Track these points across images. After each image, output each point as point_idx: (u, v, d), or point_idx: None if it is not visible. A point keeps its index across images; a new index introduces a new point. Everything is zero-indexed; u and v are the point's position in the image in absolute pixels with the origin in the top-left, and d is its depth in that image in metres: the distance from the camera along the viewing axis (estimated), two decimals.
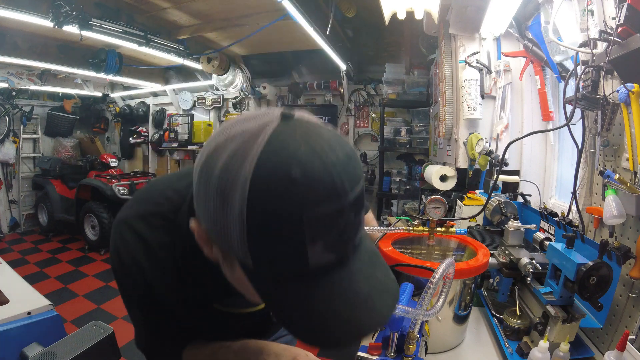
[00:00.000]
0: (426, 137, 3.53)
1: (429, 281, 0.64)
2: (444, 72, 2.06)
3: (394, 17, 1.73)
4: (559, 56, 1.47)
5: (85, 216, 4.51)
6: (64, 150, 5.48)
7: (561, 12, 1.18)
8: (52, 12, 2.40)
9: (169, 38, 3.38)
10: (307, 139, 0.41)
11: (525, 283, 0.98)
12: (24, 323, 1.02)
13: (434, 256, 1.05)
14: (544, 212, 1.37)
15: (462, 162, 1.99)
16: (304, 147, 0.40)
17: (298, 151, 0.39)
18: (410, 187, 3.68)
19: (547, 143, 1.82)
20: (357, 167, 0.44)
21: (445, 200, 1.06)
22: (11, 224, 5.28)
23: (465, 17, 1.76)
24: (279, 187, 0.38)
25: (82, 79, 4.89)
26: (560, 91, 1.66)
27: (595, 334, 1.04)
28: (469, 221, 1.61)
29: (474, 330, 1.09)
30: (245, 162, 0.39)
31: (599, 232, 1.11)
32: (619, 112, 0.99)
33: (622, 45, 0.90)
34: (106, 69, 3.53)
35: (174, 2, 2.93)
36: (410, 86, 3.66)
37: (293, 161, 0.39)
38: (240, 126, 0.43)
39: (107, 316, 3.03)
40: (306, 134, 0.42)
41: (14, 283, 1.27)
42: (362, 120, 4.68)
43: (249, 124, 0.42)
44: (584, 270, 0.79)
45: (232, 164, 0.40)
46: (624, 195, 0.95)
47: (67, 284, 3.66)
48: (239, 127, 0.43)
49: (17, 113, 5.02)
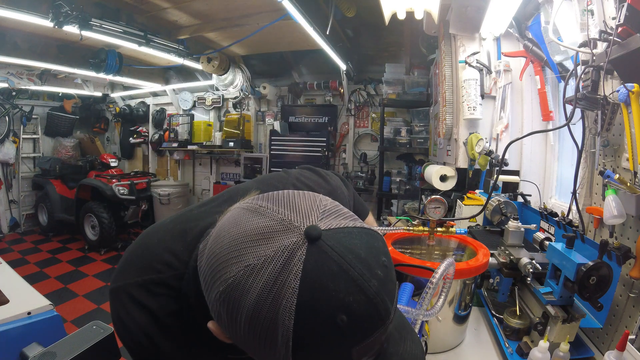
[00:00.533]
0: (426, 137, 3.53)
1: (429, 281, 0.64)
2: (444, 72, 2.06)
3: (394, 17, 1.73)
4: (559, 56, 1.47)
5: (85, 216, 4.51)
6: (64, 150, 5.48)
7: (561, 12, 1.18)
8: (52, 12, 2.40)
9: (169, 38, 3.38)
10: (344, 268, 0.38)
11: (525, 283, 0.98)
12: (24, 323, 1.02)
13: (434, 256, 1.05)
14: (544, 212, 1.37)
15: (462, 162, 1.99)
16: (343, 283, 0.37)
17: (339, 291, 0.37)
18: (410, 187, 3.68)
19: (547, 143, 1.82)
20: (393, 276, 0.43)
21: (445, 200, 1.06)
22: (11, 224, 5.28)
23: (465, 17, 1.76)
24: (326, 335, 0.37)
25: (82, 79, 4.90)
26: (560, 91, 1.66)
27: (595, 334, 1.04)
28: (469, 221, 1.61)
29: (474, 330, 1.09)
30: (282, 310, 0.36)
31: (599, 232, 1.11)
32: (619, 112, 0.99)
33: (622, 45, 0.90)
34: (106, 69, 3.53)
35: (174, 2, 2.93)
36: (410, 86, 3.66)
37: (337, 306, 0.36)
38: (258, 252, 0.39)
39: (107, 316, 3.00)
40: (341, 260, 0.38)
41: (14, 283, 1.27)
42: (362, 120, 4.68)
43: (268, 249, 0.38)
44: (584, 270, 0.79)
45: (265, 311, 0.37)
46: (624, 195, 0.95)
47: (67, 284, 3.66)
48: (258, 253, 0.39)
49: (17, 113, 5.02)
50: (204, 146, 4.99)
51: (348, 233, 0.42)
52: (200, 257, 0.47)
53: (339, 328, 0.37)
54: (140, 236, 0.69)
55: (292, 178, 0.77)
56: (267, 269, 0.37)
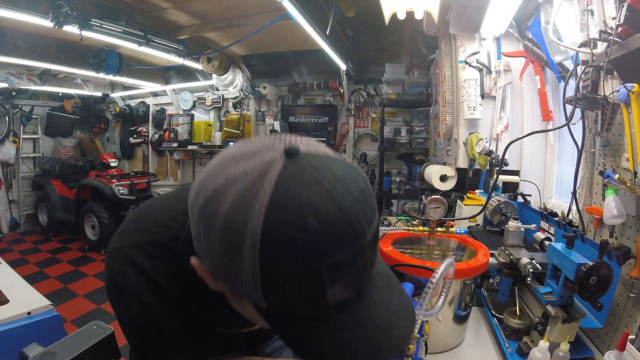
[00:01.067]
0: (426, 137, 3.53)
1: (429, 281, 0.64)
2: (444, 72, 2.06)
3: (394, 17, 1.73)
4: (559, 56, 1.47)
5: (85, 216, 4.51)
6: (64, 150, 5.48)
7: (561, 12, 1.18)
8: (52, 12, 2.40)
9: (169, 38, 3.38)
10: (318, 180, 0.38)
11: (525, 283, 0.98)
12: (24, 323, 1.02)
13: (434, 256, 1.05)
14: (544, 212, 1.37)
15: (462, 162, 1.99)
16: (316, 191, 0.37)
17: (311, 196, 0.37)
18: (410, 187, 3.68)
19: (547, 143, 1.82)
20: (372, 200, 0.42)
21: (445, 200, 1.06)
22: (11, 224, 5.28)
23: (465, 17, 1.76)
24: (294, 239, 0.36)
25: (82, 79, 4.90)
26: (560, 91, 1.66)
27: (595, 334, 1.04)
28: (469, 221, 1.60)
29: (474, 330, 1.09)
30: (253, 212, 0.36)
31: (599, 232, 1.11)
32: (619, 112, 0.99)
33: (622, 45, 0.90)
34: (106, 69, 3.53)
35: (174, 2, 2.93)
36: (410, 86, 3.66)
37: (307, 209, 0.36)
38: (239, 166, 0.39)
39: (107, 316, 3.03)
40: (317, 173, 0.38)
41: (14, 283, 1.27)
42: (362, 120, 4.68)
43: (249, 164, 0.39)
44: (584, 270, 0.79)
45: (238, 214, 0.37)
46: (624, 195, 0.95)
47: (67, 284, 3.66)
48: (239, 167, 0.39)
49: (17, 113, 5.02)
50: (204, 146, 4.99)
51: (328, 158, 0.42)
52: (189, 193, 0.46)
53: (308, 232, 0.36)
54: (142, 205, 0.70)
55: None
56: (245, 178, 0.38)
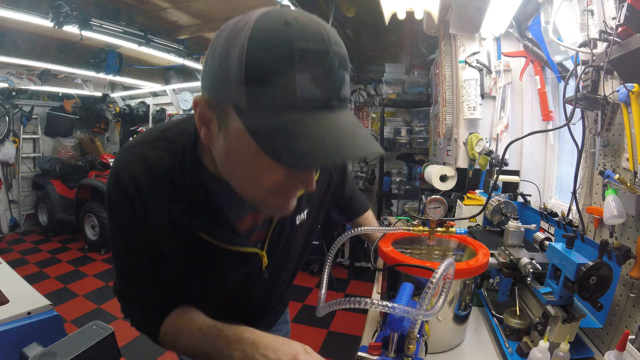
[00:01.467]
0: (426, 137, 3.53)
1: (429, 281, 0.64)
2: (444, 72, 2.06)
3: (394, 17, 1.73)
4: (559, 56, 1.47)
5: (85, 216, 4.51)
6: (64, 150, 5.48)
7: (561, 12, 1.18)
8: (52, 12, 2.40)
9: (169, 38, 3.38)
10: (297, 13, 0.49)
11: (525, 283, 0.98)
12: (24, 323, 1.02)
13: (434, 256, 1.05)
14: (544, 212, 1.37)
15: (462, 162, 1.99)
16: (295, 11, 0.49)
17: (292, 12, 0.49)
18: (410, 187, 3.68)
19: (547, 143, 1.82)
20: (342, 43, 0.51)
21: (445, 200, 1.05)
22: (11, 224, 5.28)
23: (465, 17, 1.76)
24: (275, 28, 0.46)
25: (82, 79, 4.90)
26: (560, 91, 1.66)
27: (595, 334, 1.04)
28: (469, 221, 1.60)
29: (474, 330, 1.09)
30: (249, 21, 0.48)
31: (599, 232, 1.11)
32: (619, 112, 0.99)
33: (622, 45, 0.90)
34: (106, 69, 3.53)
35: (174, 2, 2.93)
36: (410, 86, 3.66)
37: (288, 14, 0.48)
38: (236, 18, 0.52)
39: (107, 316, 3.03)
40: (296, 11, 0.50)
41: (14, 283, 1.27)
42: (362, 120, 4.68)
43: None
44: (584, 270, 0.79)
45: (237, 25, 0.49)
46: (624, 195, 0.95)
47: (67, 284, 3.66)
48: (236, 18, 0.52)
49: (17, 113, 5.02)
50: None
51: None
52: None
53: (287, 23, 0.46)
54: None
55: None
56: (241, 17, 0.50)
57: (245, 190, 0.60)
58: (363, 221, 1.23)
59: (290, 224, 0.81)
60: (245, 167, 0.55)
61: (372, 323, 1.12)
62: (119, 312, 0.85)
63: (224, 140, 0.54)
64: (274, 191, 0.57)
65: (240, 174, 0.57)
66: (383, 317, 0.88)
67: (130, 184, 0.64)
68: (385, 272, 1.03)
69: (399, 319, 0.65)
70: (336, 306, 0.64)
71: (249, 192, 0.59)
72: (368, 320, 1.14)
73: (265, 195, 0.58)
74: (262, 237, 0.79)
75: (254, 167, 0.54)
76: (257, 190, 0.57)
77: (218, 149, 0.57)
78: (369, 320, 1.14)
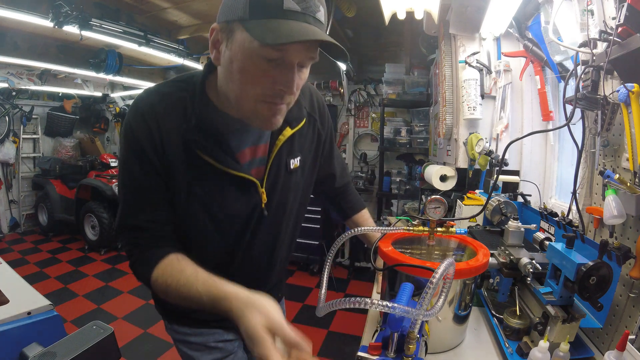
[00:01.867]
0: (426, 137, 3.53)
1: (429, 281, 0.64)
2: (444, 72, 2.06)
3: (394, 17, 1.73)
4: (559, 56, 1.47)
5: (85, 216, 4.52)
6: (64, 150, 5.48)
7: (561, 12, 1.18)
8: (52, 12, 2.40)
9: (169, 38, 3.38)
10: None
11: (525, 283, 0.98)
12: (24, 323, 1.02)
13: (434, 256, 1.05)
14: (544, 212, 1.37)
15: (462, 162, 1.99)
16: None
17: None
18: (410, 187, 3.68)
19: (547, 143, 1.82)
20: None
21: (445, 200, 1.05)
22: (11, 224, 5.28)
23: (465, 17, 1.76)
24: None
25: (82, 79, 4.89)
26: (560, 91, 1.66)
27: (595, 334, 1.04)
28: (469, 221, 1.60)
29: (474, 330, 1.09)
30: None
31: (599, 232, 1.11)
32: (619, 112, 0.99)
33: (622, 45, 0.90)
34: (106, 69, 3.53)
35: (174, 2, 2.93)
36: (410, 86, 3.66)
37: None
38: None
39: (107, 316, 3.03)
40: None
41: (14, 283, 1.26)
42: (362, 120, 4.68)
43: None
44: (584, 270, 0.79)
45: None
46: (624, 195, 0.95)
47: (67, 284, 3.66)
48: None
49: (17, 113, 5.02)
50: None
51: None
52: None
53: None
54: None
55: None
56: None
57: (241, 98, 0.74)
58: (359, 219, 1.23)
59: (285, 167, 0.92)
60: (242, 71, 0.70)
61: (372, 323, 1.12)
62: (119, 312, 0.86)
63: (229, 53, 0.70)
64: (264, 99, 0.73)
65: (239, 78, 0.71)
66: (383, 317, 0.88)
67: (148, 110, 0.78)
68: (385, 272, 1.03)
69: (399, 319, 0.65)
70: (336, 306, 0.64)
71: (244, 99, 0.74)
72: (368, 320, 1.14)
73: (256, 104, 0.73)
74: (261, 175, 0.88)
75: (249, 70, 0.69)
76: (250, 97, 0.73)
77: (223, 64, 0.73)
78: (369, 320, 1.14)
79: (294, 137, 0.92)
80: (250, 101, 0.73)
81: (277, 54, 0.67)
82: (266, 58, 0.67)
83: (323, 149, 1.07)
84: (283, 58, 0.68)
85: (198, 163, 0.79)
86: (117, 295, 3.47)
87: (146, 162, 0.78)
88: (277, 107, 0.75)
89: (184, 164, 0.79)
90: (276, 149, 0.89)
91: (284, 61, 0.69)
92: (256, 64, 0.68)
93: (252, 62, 0.68)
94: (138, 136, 0.77)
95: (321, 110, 1.03)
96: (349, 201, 1.23)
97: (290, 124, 0.89)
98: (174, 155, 0.78)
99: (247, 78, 0.70)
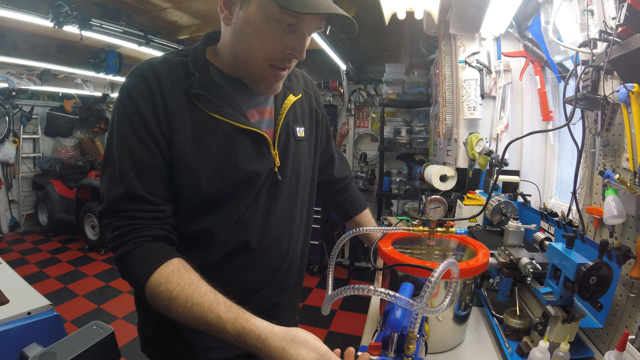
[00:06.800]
0: (426, 137, 3.53)
1: (428, 280, 0.64)
2: (444, 72, 2.06)
3: (394, 17, 1.73)
4: (559, 56, 1.47)
5: (85, 216, 4.51)
6: (64, 150, 5.48)
7: (561, 12, 1.18)
8: (52, 12, 2.40)
9: (169, 38, 3.38)
10: None
11: (525, 283, 0.98)
12: (24, 323, 1.02)
13: (434, 256, 1.05)
14: (544, 212, 1.37)
15: (462, 162, 1.99)
16: None
17: None
18: (410, 187, 3.68)
19: (547, 143, 1.82)
20: None
21: (445, 200, 1.05)
22: (11, 224, 5.27)
23: (465, 17, 1.76)
24: None
25: (82, 79, 4.89)
26: (560, 91, 1.66)
27: (595, 334, 1.04)
28: (469, 221, 1.60)
29: (474, 330, 1.09)
30: None
31: (599, 232, 1.11)
32: (619, 112, 0.99)
33: (622, 45, 0.90)
34: (106, 69, 3.53)
35: (174, 2, 2.93)
36: (410, 86, 3.66)
37: None
38: None
39: (107, 316, 3.03)
40: None
41: (14, 283, 1.27)
42: (362, 120, 4.68)
43: None
44: (584, 270, 0.79)
45: None
46: (624, 195, 0.95)
47: (67, 284, 3.66)
48: None
49: (17, 113, 5.02)
50: None
51: None
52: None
53: None
54: None
55: None
56: None
57: (250, 59, 0.75)
58: (362, 220, 1.23)
59: (293, 134, 0.91)
60: (257, 32, 0.71)
61: (372, 323, 1.12)
62: (119, 312, 0.85)
63: (244, 14, 0.71)
64: (272, 62, 0.75)
65: (252, 40, 0.73)
66: (383, 317, 0.88)
67: (148, 70, 0.74)
68: (385, 272, 1.03)
69: (399, 319, 0.65)
70: (339, 294, 0.66)
71: (253, 61, 0.75)
72: (368, 320, 1.14)
73: (264, 66, 0.75)
74: (271, 137, 0.86)
75: (264, 33, 0.71)
76: (260, 59, 0.74)
77: (236, 24, 0.74)
78: (369, 320, 1.14)
79: (295, 106, 0.93)
80: (259, 63, 0.75)
81: (295, 21, 0.70)
82: (284, 23, 0.70)
83: (321, 130, 1.07)
84: (298, 25, 0.71)
85: (205, 119, 0.75)
86: (117, 295, 3.47)
87: (141, 128, 0.70)
88: (281, 72, 0.78)
89: (189, 122, 0.74)
90: (284, 111, 0.88)
91: (298, 27, 0.72)
92: (272, 28, 0.70)
93: (267, 26, 0.70)
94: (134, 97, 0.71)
95: (315, 89, 1.06)
96: (351, 200, 1.21)
97: (293, 92, 0.92)
98: (177, 113, 0.73)
99: (260, 40, 0.72)
